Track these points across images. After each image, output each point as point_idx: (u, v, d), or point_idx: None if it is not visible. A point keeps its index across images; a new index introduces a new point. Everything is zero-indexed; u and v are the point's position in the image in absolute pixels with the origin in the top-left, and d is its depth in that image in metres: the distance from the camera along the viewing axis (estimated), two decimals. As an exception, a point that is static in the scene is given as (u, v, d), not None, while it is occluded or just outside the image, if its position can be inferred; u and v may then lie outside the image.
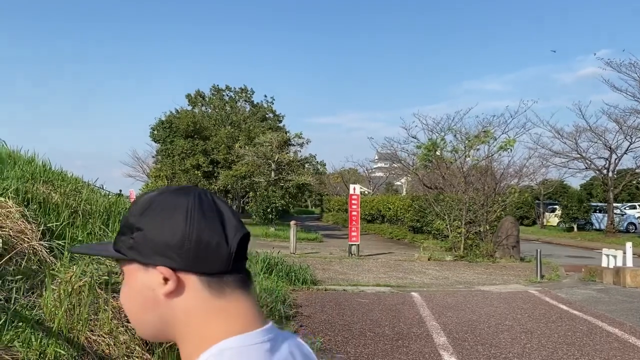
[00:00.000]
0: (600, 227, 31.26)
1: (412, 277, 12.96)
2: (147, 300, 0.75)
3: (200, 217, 0.74)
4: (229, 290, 0.75)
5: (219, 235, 0.74)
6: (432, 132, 21.76)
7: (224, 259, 0.74)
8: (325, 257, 16.71)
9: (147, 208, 0.76)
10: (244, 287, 0.77)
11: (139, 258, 0.75)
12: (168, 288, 0.73)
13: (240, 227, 0.77)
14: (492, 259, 17.01)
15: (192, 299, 0.74)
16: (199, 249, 0.72)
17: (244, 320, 0.75)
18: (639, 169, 29.55)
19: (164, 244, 0.73)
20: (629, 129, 27.36)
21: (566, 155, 30.70)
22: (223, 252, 0.73)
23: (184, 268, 0.73)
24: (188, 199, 0.75)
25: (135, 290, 0.77)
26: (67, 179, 8.99)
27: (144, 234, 0.74)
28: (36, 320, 3.80)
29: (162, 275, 0.73)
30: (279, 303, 7.76)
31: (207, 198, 0.77)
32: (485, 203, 18.75)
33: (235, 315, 0.74)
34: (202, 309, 0.74)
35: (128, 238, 0.76)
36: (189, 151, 32.56)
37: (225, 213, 0.76)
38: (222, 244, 0.73)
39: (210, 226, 0.74)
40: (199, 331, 0.74)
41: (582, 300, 10.31)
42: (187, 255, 0.72)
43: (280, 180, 27.50)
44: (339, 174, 52.00)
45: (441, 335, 7.30)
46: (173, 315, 0.75)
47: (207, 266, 0.73)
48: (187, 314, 0.74)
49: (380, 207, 31.47)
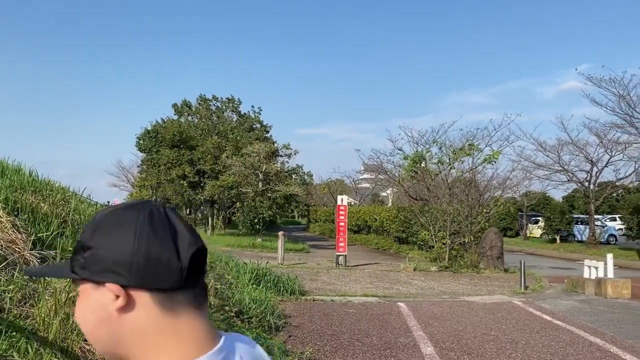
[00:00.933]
0: (582, 239, 31.73)
1: (398, 287, 13.07)
2: (100, 318, 0.74)
3: (150, 232, 0.73)
4: (181, 307, 0.74)
5: (170, 251, 0.73)
6: (417, 144, 22.06)
7: (176, 275, 0.72)
8: (312, 267, 16.76)
9: (98, 226, 0.76)
10: (198, 305, 0.76)
11: (90, 277, 0.74)
12: (118, 303, 0.72)
13: (194, 241, 0.76)
14: (476, 270, 17.20)
15: (143, 317, 0.73)
16: (149, 265, 0.72)
17: (197, 343, 0.74)
18: (619, 182, 30.13)
19: (113, 261, 0.72)
20: (609, 142, 27.94)
21: (549, 167, 31.23)
22: (174, 267, 0.72)
23: (134, 284, 0.72)
24: (138, 215, 0.75)
25: (88, 309, 0.76)
26: (55, 188, 8.96)
27: (94, 253, 0.74)
28: (30, 330, 3.82)
29: (112, 291, 0.72)
30: (268, 314, 7.81)
31: (159, 213, 0.76)
32: (469, 214, 18.99)
33: (188, 339, 0.74)
34: (154, 329, 0.73)
35: (80, 257, 0.76)
36: (174, 161, 32.40)
37: (178, 228, 0.76)
38: (173, 259, 0.72)
39: (160, 241, 0.73)
40: (151, 352, 0.73)
41: (565, 311, 10.50)
42: (137, 271, 0.71)
43: (267, 190, 27.53)
44: (326, 185, 52.12)
45: (428, 345, 7.40)
46: (125, 333, 0.74)
47: (158, 282, 0.72)
48: (139, 333, 0.73)
49: (366, 218, 31.63)
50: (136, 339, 0.73)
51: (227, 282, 8.48)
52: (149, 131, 35.40)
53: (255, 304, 7.79)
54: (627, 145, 27.36)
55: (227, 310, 6.80)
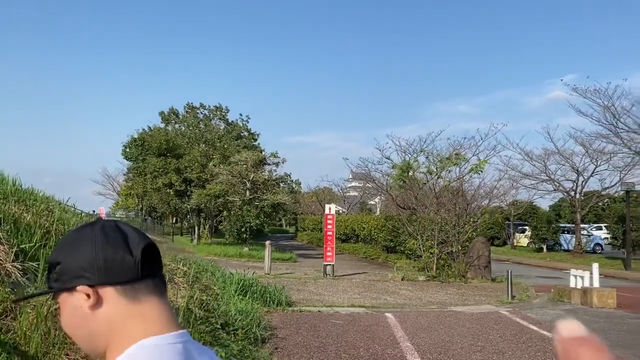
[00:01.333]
0: (569, 248, 31.98)
1: (386, 298, 13.05)
2: (79, 319, 0.86)
3: (103, 240, 0.87)
4: (143, 295, 0.87)
5: (123, 250, 0.87)
6: (405, 153, 22.10)
7: (132, 268, 0.86)
8: (300, 277, 16.68)
9: (61, 245, 0.90)
10: (158, 292, 0.90)
11: (63, 286, 0.87)
12: (91, 302, 0.85)
13: (142, 239, 0.90)
14: (464, 279, 17.23)
15: (112, 308, 0.85)
16: (107, 265, 0.85)
17: (160, 322, 0.87)
18: (604, 191, 30.46)
19: (78, 267, 0.86)
20: (594, 152, 28.28)
21: (535, 177, 31.51)
22: (130, 262, 0.86)
23: (99, 283, 0.85)
24: (92, 229, 0.89)
25: (69, 315, 0.88)
26: (38, 198, 8.84)
27: (62, 265, 0.87)
28: (11, 344, 3.74)
29: (83, 292, 0.85)
30: (254, 325, 7.73)
31: (109, 225, 0.91)
32: (457, 224, 19.04)
33: (152, 318, 0.87)
34: (122, 316, 0.85)
35: (53, 273, 0.89)
36: (161, 169, 32.15)
37: (128, 232, 0.90)
38: (126, 256, 0.86)
39: (113, 245, 0.87)
40: (121, 336, 0.85)
41: (551, 321, 10.53)
42: (99, 271, 0.85)
43: (255, 199, 27.41)
44: (313, 193, 52.08)
45: (415, 356, 7.37)
46: (100, 326, 0.86)
47: (119, 277, 0.86)
48: (110, 323, 0.85)
49: (354, 227, 31.59)
50: (110, 329, 0.85)
51: (213, 293, 8.40)
52: (136, 139, 35.17)
53: (241, 316, 7.72)
54: (612, 155, 27.73)
55: (213, 322, 6.73)
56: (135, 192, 33.62)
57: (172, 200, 32.85)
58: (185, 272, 8.52)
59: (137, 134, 36.01)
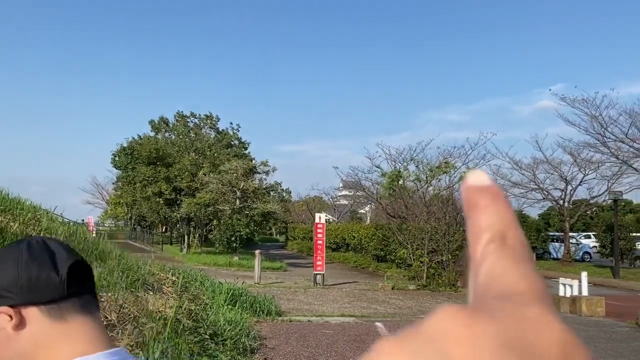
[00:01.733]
0: (558, 256, 32.13)
1: (376, 307, 13.01)
2: (3, 341, 0.83)
3: (28, 258, 0.84)
4: (69, 314, 0.85)
5: (49, 269, 0.84)
6: (395, 162, 22.21)
7: (58, 287, 0.84)
8: (290, 286, 16.60)
9: None
10: (87, 310, 0.88)
11: None
12: (14, 322, 0.82)
13: (70, 257, 0.87)
14: (454, 288, 17.25)
15: (37, 328, 0.83)
16: (31, 284, 0.83)
17: (89, 341, 0.85)
18: (593, 200, 30.71)
19: (1, 288, 0.83)
20: (582, 161, 28.52)
21: (524, 186, 31.67)
22: (55, 281, 0.84)
23: (22, 303, 0.83)
24: (18, 247, 0.87)
25: None
26: (25, 207, 8.75)
27: None
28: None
29: (5, 313, 0.82)
30: (244, 335, 7.67)
31: (37, 242, 0.89)
32: (447, 232, 19.09)
33: (79, 337, 0.84)
34: (47, 336, 0.83)
35: None
36: (151, 178, 31.97)
37: (56, 250, 0.88)
38: (52, 275, 0.84)
39: (38, 263, 0.84)
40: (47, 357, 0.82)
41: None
42: (22, 291, 0.83)
43: (245, 208, 27.31)
44: (304, 202, 52.02)
45: (405, 366, 7.33)
46: (24, 347, 0.83)
47: (43, 296, 0.84)
48: (36, 344, 0.83)
49: (344, 236, 31.56)
50: (35, 350, 0.83)
51: (201, 303, 8.33)
52: (125, 148, 34.98)
53: (230, 326, 7.66)
54: (600, 164, 27.98)
55: (201, 332, 6.66)
56: (124, 200, 33.41)
57: (162, 209, 32.65)
58: (174, 281, 8.46)
59: (127, 142, 35.84)
